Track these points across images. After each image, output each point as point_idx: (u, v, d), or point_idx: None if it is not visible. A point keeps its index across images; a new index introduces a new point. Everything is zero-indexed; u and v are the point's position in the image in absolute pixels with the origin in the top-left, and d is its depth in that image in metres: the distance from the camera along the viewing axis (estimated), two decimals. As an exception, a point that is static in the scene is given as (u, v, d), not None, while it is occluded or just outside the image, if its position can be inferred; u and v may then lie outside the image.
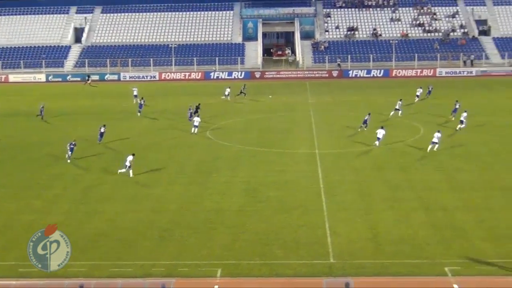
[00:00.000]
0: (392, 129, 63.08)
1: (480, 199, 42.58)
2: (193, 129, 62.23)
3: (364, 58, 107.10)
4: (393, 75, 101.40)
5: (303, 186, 46.06)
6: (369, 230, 37.62)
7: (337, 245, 35.51)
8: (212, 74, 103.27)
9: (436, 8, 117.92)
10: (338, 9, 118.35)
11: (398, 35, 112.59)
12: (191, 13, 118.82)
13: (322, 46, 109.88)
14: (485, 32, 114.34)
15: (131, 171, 48.50)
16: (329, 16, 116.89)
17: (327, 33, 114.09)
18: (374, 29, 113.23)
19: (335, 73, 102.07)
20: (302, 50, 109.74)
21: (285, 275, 32.32)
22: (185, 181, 47.64)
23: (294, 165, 51.47)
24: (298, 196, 43.74)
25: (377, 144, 56.20)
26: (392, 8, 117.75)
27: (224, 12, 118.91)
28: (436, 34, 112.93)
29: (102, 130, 59.01)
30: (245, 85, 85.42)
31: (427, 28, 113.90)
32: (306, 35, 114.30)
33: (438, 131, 55.62)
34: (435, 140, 54.61)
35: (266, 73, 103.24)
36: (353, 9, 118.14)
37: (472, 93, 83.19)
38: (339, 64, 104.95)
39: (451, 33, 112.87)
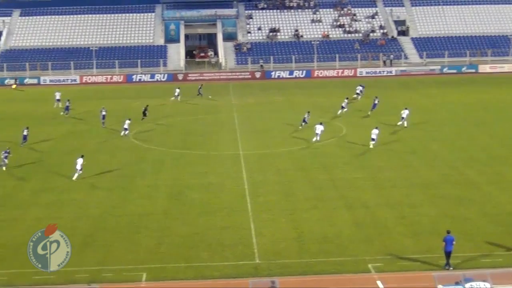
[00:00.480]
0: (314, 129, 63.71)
1: (401, 196, 43.43)
2: (122, 131, 61.62)
3: (286, 59, 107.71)
4: (315, 75, 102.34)
5: (227, 187, 46.12)
6: (294, 229, 37.93)
7: (262, 245, 35.68)
8: (134, 76, 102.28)
9: (356, 9, 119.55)
10: (260, 11, 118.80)
11: (319, 36, 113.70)
12: (112, 15, 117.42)
13: (245, 48, 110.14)
14: (403, 32, 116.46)
15: (76, 174, 48.09)
16: (251, 18, 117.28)
17: (249, 34, 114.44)
18: (296, 30, 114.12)
19: (258, 74, 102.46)
20: (224, 51, 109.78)
21: (211, 277, 32.30)
22: (108, 185, 47.08)
23: (218, 167, 51.47)
24: (223, 198, 43.77)
25: (317, 139, 57.32)
26: (313, 9, 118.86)
27: (146, 14, 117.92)
28: (356, 34, 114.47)
29: (25, 132, 58.06)
30: (202, 85, 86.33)
31: (347, 29, 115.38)
32: (229, 37, 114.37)
33: (376, 128, 57.11)
34: (373, 136, 56.09)
35: (189, 75, 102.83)
36: (274, 11, 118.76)
37: (392, 93, 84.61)
38: (261, 65, 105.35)
39: (371, 34, 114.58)
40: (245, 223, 38.96)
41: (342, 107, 69.79)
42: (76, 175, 48.18)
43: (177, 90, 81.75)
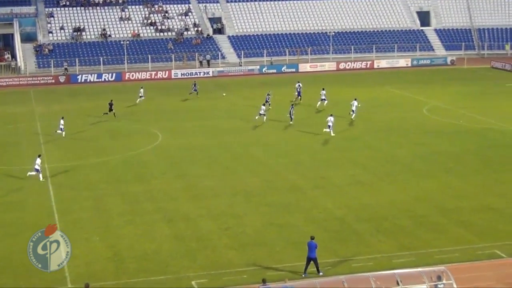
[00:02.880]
0: (128, 137, 63.35)
1: (224, 206, 43.99)
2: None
3: (93, 61, 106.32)
4: (126, 78, 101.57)
5: (32, 206, 44.82)
6: (109, 248, 37.47)
7: (74, 268, 34.92)
8: None
9: (167, 6, 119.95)
10: (62, 8, 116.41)
11: (129, 35, 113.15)
12: None
13: (46, 49, 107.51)
14: (219, 31, 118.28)
15: (40, 175, 49.54)
16: (52, 16, 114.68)
17: (51, 34, 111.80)
18: (103, 29, 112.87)
19: (62, 79, 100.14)
20: (23, 54, 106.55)
21: (16, 307, 31.30)
22: None
23: (22, 182, 49.85)
24: (27, 218, 42.44)
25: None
26: (121, 6, 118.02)
27: None
28: (169, 33, 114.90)
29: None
30: (195, 82, 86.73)
31: (159, 27, 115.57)
32: (28, 38, 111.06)
33: (331, 115, 62.67)
34: (329, 124, 61.79)
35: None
36: (78, 8, 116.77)
37: (210, 95, 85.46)
38: (66, 69, 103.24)
39: (185, 32, 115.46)
40: (54, 244, 37.97)
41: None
42: (33, 173, 49.87)
43: (141, 91, 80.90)
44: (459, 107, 74.77)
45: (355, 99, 69.95)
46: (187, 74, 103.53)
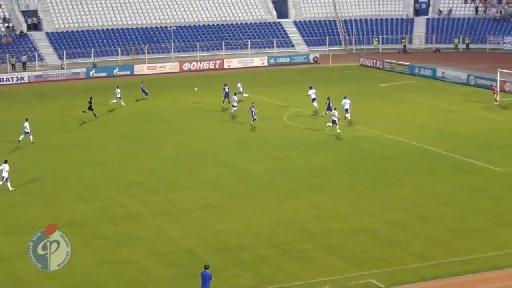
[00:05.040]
0: None
1: (46, 242, 43.12)
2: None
3: None
4: None
5: None
6: None
7: None
8: None
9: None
10: None
11: None
12: None
13: None
14: (36, 26, 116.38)
15: (9, 184, 51.83)
16: None
17: None
18: None
19: None
20: None
21: None
22: None
23: None
24: None
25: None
26: None
27: None
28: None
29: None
30: (143, 81, 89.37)
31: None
32: None
33: (335, 109, 68.00)
34: (334, 118, 66.64)
35: None
36: None
37: (27, 105, 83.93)
38: None
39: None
40: None
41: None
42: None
43: (118, 91, 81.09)
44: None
45: (345, 97, 72.51)
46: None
